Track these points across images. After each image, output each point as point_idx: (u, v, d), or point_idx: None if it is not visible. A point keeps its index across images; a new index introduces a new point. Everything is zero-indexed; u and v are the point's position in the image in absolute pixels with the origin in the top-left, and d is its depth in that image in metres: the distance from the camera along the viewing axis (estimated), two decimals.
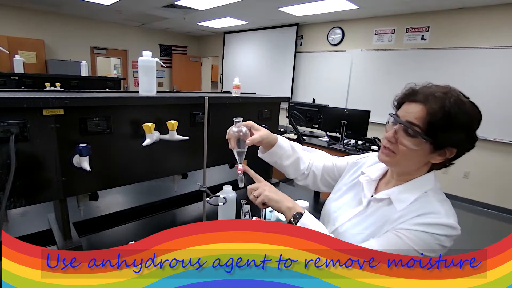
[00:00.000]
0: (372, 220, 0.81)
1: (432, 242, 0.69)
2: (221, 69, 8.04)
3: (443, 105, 0.69)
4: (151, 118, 1.17)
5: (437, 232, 0.69)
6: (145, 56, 1.19)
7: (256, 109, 1.70)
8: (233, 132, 0.94)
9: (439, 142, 0.71)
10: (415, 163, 0.77)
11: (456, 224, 0.71)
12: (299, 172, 1.09)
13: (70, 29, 6.39)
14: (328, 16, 5.13)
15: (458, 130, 0.70)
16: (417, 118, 0.71)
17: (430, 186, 0.77)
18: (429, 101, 0.71)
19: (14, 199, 0.94)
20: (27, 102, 0.90)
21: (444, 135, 0.70)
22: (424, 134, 0.70)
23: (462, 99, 0.72)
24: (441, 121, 0.69)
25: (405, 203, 0.76)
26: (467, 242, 3.13)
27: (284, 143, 1.04)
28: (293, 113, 4.04)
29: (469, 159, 4.28)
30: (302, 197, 1.53)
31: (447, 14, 4.20)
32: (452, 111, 0.69)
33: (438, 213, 0.72)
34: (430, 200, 0.75)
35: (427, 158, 0.75)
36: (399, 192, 0.79)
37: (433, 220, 0.70)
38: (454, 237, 0.71)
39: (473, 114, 0.71)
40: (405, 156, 0.75)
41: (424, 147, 0.72)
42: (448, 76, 4.20)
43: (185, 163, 1.41)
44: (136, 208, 1.56)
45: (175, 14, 5.75)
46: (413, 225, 0.71)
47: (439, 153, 0.74)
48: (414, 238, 0.70)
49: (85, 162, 0.98)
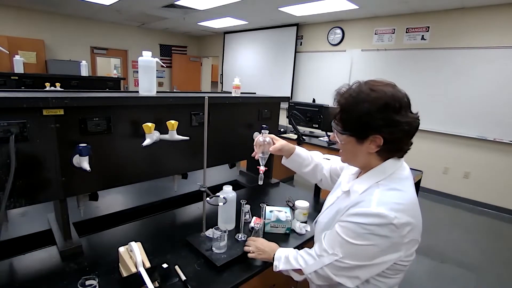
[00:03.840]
0: (333, 210, 0.90)
1: (360, 231, 0.74)
2: (221, 69, 8.03)
3: (342, 100, 0.80)
4: (151, 118, 1.17)
5: (364, 222, 0.74)
6: (145, 56, 1.19)
7: (256, 109, 1.71)
8: (260, 142, 1.14)
9: (356, 133, 0.79)
10: (357, 156, 0.84)
11: (385, 213, 0.72)
12: (318, 179, 1.22)
13: (70, 29, 6.39)
14: (328, 16, 5.13)
15: (362, 118, 0.76)
16: (336, 117, 0.83)
17: (386, 174, 0.81)
18: (339, 101, 0.82)
19: (14, 199, 0.94)
20: (27, 102, 0.90)
21: (353, 126, 0.79)
22: (342, 130, 0.82)
23: (363, 89, 0.77)
24: (343, 115, 0.81)
25: (357, 193, 0.83)
26: (467, 242, 3.13)
27: (302, 152, 1.19)
28: (293, 113, 4.04)
29: (469, 159, 4.28)
30: (302, 197, 1.54)
31: (447, 14, 4.20)
32: (350, 104, 0.78)
33: (368, 202, 0.76)
34: (375, 189, 0.80)
35: (364, 149, 0.81)
36: (358, 183, 0.86)
37: (361, 210, 0.76)
38: (387, 225, 0.72)
39: (372, 99, 0.75)
40: (345, 151, 0.87)
41: (350, 140, 0.82)
42: (448, 76, 4.20)
43: (185, 163, 1.41)
44: (136, 208, 1.56)
45: (175, 14, 5.75)
46: (346, 216, 0.79)
47: (369, 142, 0.78)
48: (345, 230, 0.78)
49: (85, 162, 0.98)
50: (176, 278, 0.99)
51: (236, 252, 1.11)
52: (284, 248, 1.05)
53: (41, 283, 0.95)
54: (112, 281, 0.96)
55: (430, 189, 4.41)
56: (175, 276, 1.00)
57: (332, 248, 0.81)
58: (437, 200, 4.26)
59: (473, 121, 4.06)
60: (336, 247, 0.80)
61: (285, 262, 0.97)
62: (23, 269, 1.02)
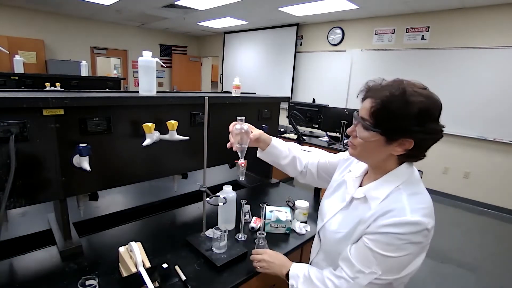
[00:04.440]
0: (350, 219, 0.84)
1: (398, 243, 0.70)
2: (221, 69, 8.03)
3: (385, 96, 0.72)
4: (151, 118, 1.17)
5: (400, 232, 0.70)
6: (145, 56, 1.19)
7: (256, 109, 1.70)
8: (236, 130, 0.99)
9: (388, 133, 0.74)
10: (376, 155, 0.80)
11: (421, 220, 0.70)
12: (298, 171, 1.15)
13: (70, 29, 6.39)
14: (328, 16, 5.13)
15: (402, 119, 0.71)
16: (367, 113, 0.75)
17: (403, 179, 0.78)
18: (375, 95, 0.74)
19: (14, 199, 0.94)
20: (27, 102, 0.90)
21: (389, 125, 0.73)
22: (373, 126, 0.74)
23: (409, 90, 0.72)
24: (381, 112, 0.73)
25: (378, 200, 0.78)
26: (467, 242, 3.13)
27: (279, 144, 1.11)
28: (293, 113, 4.04)
29: (469, 159, 4.27)
30: (302, 197, 1.53)
31: (447, 14, 4.20)
32: (393, 101, 0.71)
33: (402, 210, 0.72)
34: (400, 195, 0.76)
35: (387, 150, 0.77)
36: (374, 188, 0.81)
37: (396, 220, 0.71)
38: (422, 232, 0.70)
39: (420, 103, 0.70)
40: (364, 148, 0.79)
41: (378, 139, 0.75)
42: (448, 76, 4.20)
43: (185, 163, 1.41)
44: (136, 208, 1.56)
45: (175, 14, 5.75)
46: (377, 227, 0.73)
47: (397, 144, 0.75)
48: (380, 244, 0.72)
49: (85, 162, 0.98)
50: (176, 278, 0.99)
51: (236, 252, 1.11)
52: (298, 264, 0.95)
53: (41, 283, 0.95)
54: (112, 281, 0.96)
55: (430, 189, 4.37)
56: (175, 276, 1.00)
57: (368, 266, 0.74)
58: (437, 200, 4.25)
59: (473, 121, 4.06)
60: (373, 264, 0.73)
61: (306, 283, 0.87)
62: (23, 269, 1.02)
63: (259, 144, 1.10)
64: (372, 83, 0.79)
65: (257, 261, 1.03)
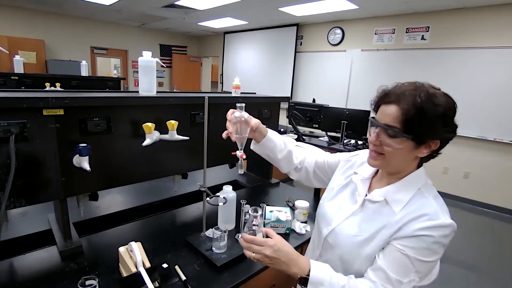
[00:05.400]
0: (370, 222, 0.80)
1: (434, 247, 0.71)
2: (221, 69, 8.03)
3: (415, 101, 0.71)
4: (151, 118, 1.17)
5: (435, 235, 0.70)
6: (145, 56, 1.19)
7: (256, 109, 1.71)
8: (234, 118, 0.89)
9: (420, 137, 0.73)
10: (404, 161, 0.78)
11: (451, 221, 0.72)
12: (292, 166, 1.09)
13: (70, 29, 6.39)
14: (328, 16, 5.13)
15: (434, 122, 0.71)
16: (394, 119, 0.73)
17: (422, 182, 0.79)
18: (401, 100, 0.72)
19: (14, 199, 0.94)
20: (27, 102, 0.90)
21: (422, 129, 0.72)
22: (403, 132, 0.72)
23: (432, 92, 0.73)
24: (415, 117, 0.71)
25: (401, 203, 0.77)
26: (467, 242, 3.12)
27: (274, 137, 1.04)
28: (293, 113, 4.04)
29: (469, 159, 4.27)
30: (302, 197, 1.53)
31: (447, 14, 4.20)
32: (424, 105, 0.70)
33: (435, 213, 0.72)
34: (426, 198, 0.76)
35: (414, 153, 0.76)
36: (394, 191, 0.79)
37: (432, 223, 0.71)
38: (451, 234, 0.72)
39: (445, 103, 0.72)
40: (393, 155, 0.76)
41: (407, 144, 0.74)
42: (448, 76, 4.20)
43: (185, 163, 1.41)
44: (136, 208, 1.56)
45: (175, 14, 5.75)
46: (414, 231, 0.71)
47: (424, 146, 0.75)
48: (416, 250, 0.71)
49: (85, 162, 0.98)
50: (176, 278, 0.99)
51: (236, 252, 1.11)
52: (320, 265, 0.78)
53: (41, 283, 0.95)
54: (112, 281, 0.96)
55: None
56: (175, 276, 1.00)
57: (407, 275, 0.71)
58: None
59: (473, 121, 4.06)
60: (411, 272, 0.71)
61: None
62: (23, 269, 1.02)
63: (255, 135, 1.00)
64: (387, 89, 0.77)
65: (253, 252, 0.77)
